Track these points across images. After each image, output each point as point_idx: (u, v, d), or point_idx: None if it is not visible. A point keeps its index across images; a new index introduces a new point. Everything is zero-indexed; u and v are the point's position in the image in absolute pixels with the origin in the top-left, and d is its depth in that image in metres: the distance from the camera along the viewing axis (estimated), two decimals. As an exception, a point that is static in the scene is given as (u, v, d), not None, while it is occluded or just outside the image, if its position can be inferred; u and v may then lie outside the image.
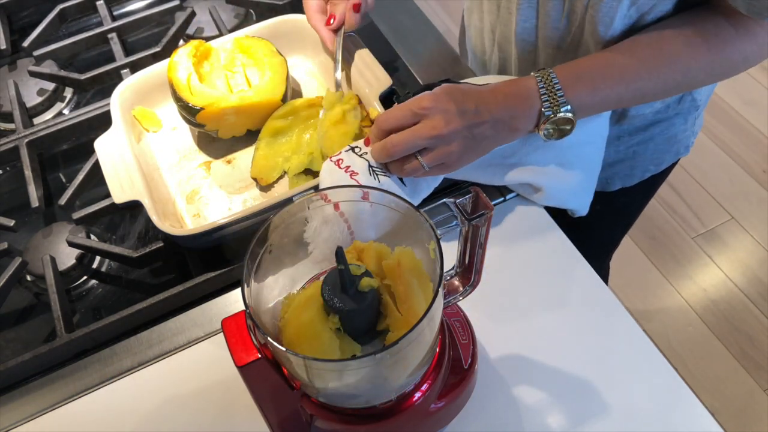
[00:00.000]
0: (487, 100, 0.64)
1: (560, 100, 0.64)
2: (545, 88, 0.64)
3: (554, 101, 0.64)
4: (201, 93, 0.79)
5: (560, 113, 0.64)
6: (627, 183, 0.93)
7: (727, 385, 1.62)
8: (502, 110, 0.64)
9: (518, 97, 0.65)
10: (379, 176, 0.67)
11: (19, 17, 1.09)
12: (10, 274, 0.74)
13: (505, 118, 0.64)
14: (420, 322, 0.44)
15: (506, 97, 0.65)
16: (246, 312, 0.47)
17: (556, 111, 0.64)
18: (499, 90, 0.65)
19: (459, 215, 0.51)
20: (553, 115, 0.64)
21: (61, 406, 0.66)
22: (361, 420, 0.55)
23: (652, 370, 0.64)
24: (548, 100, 0.64)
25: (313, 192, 0.52)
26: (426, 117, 0.62)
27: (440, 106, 0.62)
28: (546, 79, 0.64)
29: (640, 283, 1.82)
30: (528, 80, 0.65)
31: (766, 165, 2.01)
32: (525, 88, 0.65)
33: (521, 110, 0.65)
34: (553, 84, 0.64)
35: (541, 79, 0.65)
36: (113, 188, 0.74)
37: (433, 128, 0.62)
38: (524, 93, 0.65)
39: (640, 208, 1.09)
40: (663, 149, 0.89)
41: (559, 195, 0.73)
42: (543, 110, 0.64)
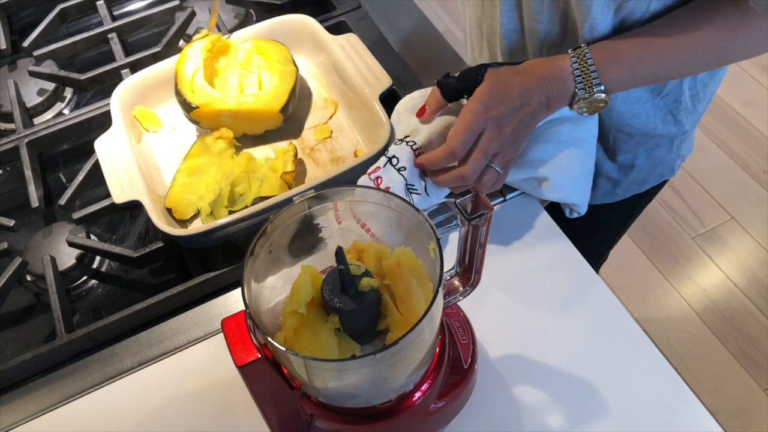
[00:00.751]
0: (528, 86, 0.65)
1: (594, 82, 0.64)
2: (580, 69, 0.65)
3: (588, 83, 0.64)
4: (201, 91, 0.79)
5: (594, 95, 0.65)
6: (609, 199, 0.92)
7: (727, 385, 1.62)
8: (540, 94, 0.65)
9: (554, 79, 0.65)
10: (413, 195, 0.69)
11: (19, 17, 1.09)
12: (10, 274, 0.74)
13: (543, 101, 0.66)
14: (420, 322, 0.44)
15: (542, 80, 0.65)
16: (246, 312, 0.47)
17: (590, 92, 0.65)
18: (535, 71, 0.66)
19: (459, 215, 0.51)
20: (588, 96, 0.65)
21: (61, 406, 0.66)
22: (361, 420, 0.55)
23: (652, 371, 0.64)
24: (582, 82, 0.65)
25: (313, 192, 0.52)
26: (485, 129, 0.64)
27: (492, 114, 0.64)
28: (581, 60, 0.65)
29: (640, 283, 1.82)
30: (563, 60, 0.65)
31: (766, 165, 2.01)
32: (560, 69, 0.65)
33: (557, 92, 0.65)
34: (588, 65, 0.64)
35: (576, 60, 0.65)
36: (113, 188, 0.74)
37: (493, 139, 0.64)
38: (559, 74, 0.65)
39: (626, 225, 1.08)
40: (647, 170, 0.88)
41: (564, 186, 0.73)
42: (577, 91, 0.65)
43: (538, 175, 0.73)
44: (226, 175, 0.77)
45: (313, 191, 0.52)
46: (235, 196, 0.77)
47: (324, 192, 0.52)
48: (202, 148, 0.80)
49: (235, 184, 0.77)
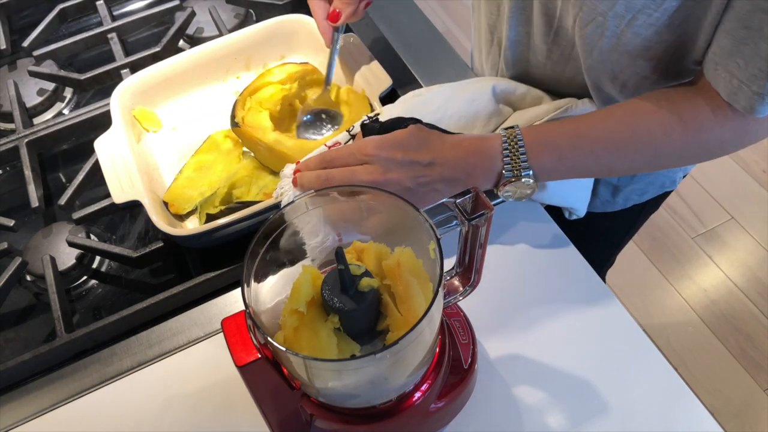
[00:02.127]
0: (445, 154, 0.62)
1: (522, 165, 0.62)
2: (509, 149, 0.62)
3: (516, 164, 0.62)
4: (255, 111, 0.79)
5: (522, 178, 0.62)
6: (608, 208, 0.91)
7: (727, 385, 1.62)
8: (459, 168, 0.62)
9: (480, 155, 0.62)
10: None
11: (19, 17, 1.09)
12: (10, 274, 0.74)
13: (460, 176, 0.62)
14: (420, 322, 0.44)
15: (467, 154, 0.62)
16: (246, 312, 0.47)
17: (518, 175, 0.62)
18: (463, 145, 0.63)
19: (459, 215, 0.51)
20: (514, 179, 0.62)
21: (61, 406, 0.66)
22: (361, 420, 0.55)
23: (652, 370, 0.64)
24: (510, 163, 0.62)
25: (315, 192, 0.52)
26: (368, 163, 0.61)
27: (383, 154, 0.61)
28: (511, 140, 0.62)
29: (640, 283, 1.82)
30: (494, 140, 0.63)
31: (766, 165, 2.01)
32: (489, 147, 0.62)
33: (480, 169, 0.63)
34: (518, 146, 0.62)
35: (507, 139, 0.62)
36: (113, 188, 0.74)
37: (369, 174, 0.61)
38: (487, 152, 0.62)
39: (628, 234, 1.07)
40: (647, 181, 0.87)
41: (560, 191, 0.73)
42: (504, 172, 0.62)
43: None
44: (228, 175, 0.77)
45: (314, 191, 0.52)
46: (232, 198, 0.77)
47: (324, 192, 0.52)
48: (212, 144, 0.80)
49: (235, 186, 0.77)
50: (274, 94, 0.81)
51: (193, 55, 0.86)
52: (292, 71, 0.83)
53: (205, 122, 0.85)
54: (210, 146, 0.81)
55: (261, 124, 0.78)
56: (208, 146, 0.81)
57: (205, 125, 0.84)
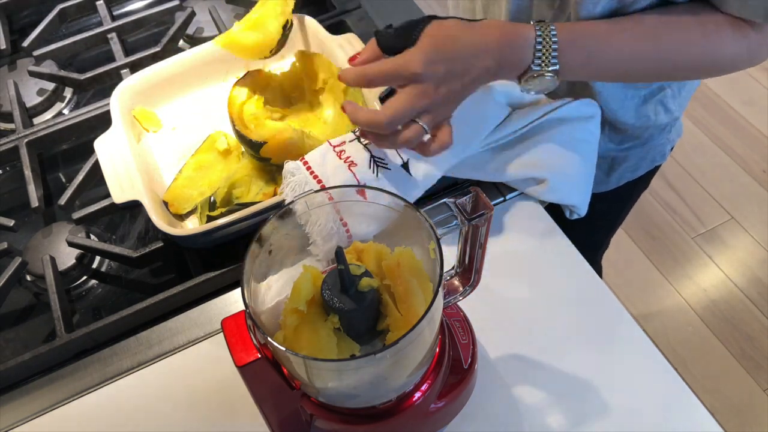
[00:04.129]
0: (477, 46, 0.60)
1: (552, 60, 0.61)
2: (542, 42, 0.61)
3: (547, 58, 0.61)
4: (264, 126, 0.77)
5: (547, 73, 0.62)
6: (602, 188, 0.92)
7: (727, 385, 1.62)
8: (489, 58, 0.61)
9: (511, 46, 0.61)
10: (380, 168, 0.67)
11: (19, 17, 1.09)
12: (10, 274, 0.74)
13: (490, 66, 0.61)
14: (420, 322, 0.44)
15: (499, 44, 0.61)
16: (246, 312, 0.47)
17: (546, 68, 0.62)
18: (489, 35, 0.61)
19: (459, 215, 0.51)
20: (541, 72, 0.62)
21: (61, 406, 0.66)
22: (361, 420, 0.55)
23: (652, 370, 0.64)
24: (541, 57, 0.61)
25: (314, 191, 0.52)
26: (416, 82, 0.59)
27: (429, 71, 0.59)
28: (545, 33, 0.61)
29: (640, 283, 1.82)
30: (527, 29, 0.62)
31: (766, 165, 2.01)
32: (522, 37, 0.61)
33: (510, 58, 0.62)
34: (551, 41, 0.61)
35: (541, 33, 0.61)
36: (113, 188, 0.74)
37: (425, 95, 0.59)
38: (519, 42, 0.61)
39: (621, 214, 1.07)
40: (639, 156, 0.88)
41: (562, 188, 0.73)
42: (533, 65, 0.62)
43: (537, 176, 0.73)
44: (228, 175, 0.77)
45: (313, 191, 0.52)
46: (232, 198, 0.77)
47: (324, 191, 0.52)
48: (211, 144, 0.80)
49: (235, 186, 0.77)
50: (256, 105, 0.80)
51: (193, 55, 0.86)
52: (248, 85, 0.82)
53: (205, 122, 0.85)
54: (209, 146, 0.81)
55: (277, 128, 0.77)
56: (208, 146, 0.81)
57: (205, 125, 0.84)
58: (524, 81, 0.63)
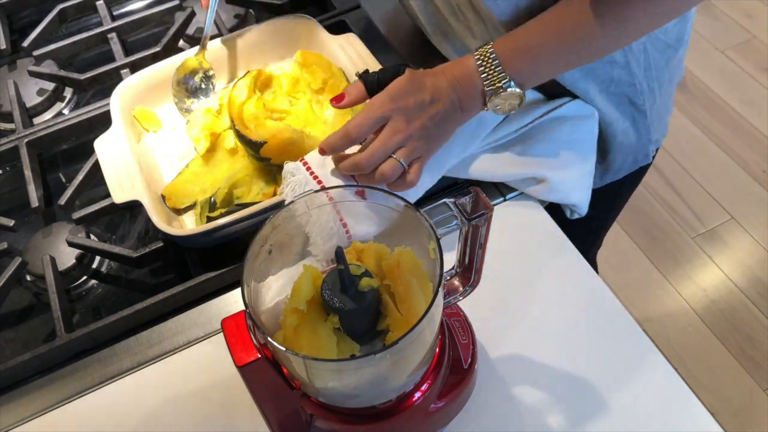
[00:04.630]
0: (439, 85, 0.64)
1: (500, 77, 0.63)
2: (483, 65, 0.64)
3: (494, 78, 0.63)
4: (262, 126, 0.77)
5: (505, 90, 0.64)
6: None
7: (727, 385, 1.62)
8: (451, 93, 0.64)
9: (462, 78, 0.64)
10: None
11: (19, 17, 1.09)
12: (10, 274, 0.74)
13: (454, 100, 0.64)
14: (420, 322, 0.44)
15: (453, 80, 0.64)
16: (246, 312, 0.47)
17: (498, 87, 0.63)
18: (447, 72, 0.65)
19: (459, 215, 0.51)
20: (495, 92, 0.64)
21: (61, 406, 0.66)
22: (361, 420, 0.55)
23: (652, 370, 0.64)
24: (488, 78, 0.64)
25: (314, 191, 0.52)
26: (389, 119, 0.63)
27: (399, 105, 0.63)
28: (484, 56, 0.64)
29: (640, 283, 1.82)
30: (468, 59, 0.65)
31: (766, 165, 2.01)
32: (466, 67, 0.64)
33: (466, 91, 0.64)
34: (491, 60, 0.63)
35: (479, 57, 0.64)
36: (113, 188, 0.74)
37: (398, 131, 0.63)
38: (466, 73, 0.64)
39: (611, 213, 1.06)
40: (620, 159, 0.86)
41: (563, 187, 0.73)
42: (485, 88, 0.64)
43: (537, 175, 0.73)
44: (230, 175, 0.77)
45: (313, 191, 0.52)
46: (233, 198, 0.77)
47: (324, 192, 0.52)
48: (219, 141, 0.81)
49: (236, 186, 0.77)
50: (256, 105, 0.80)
51: (193, 55, 0.86)
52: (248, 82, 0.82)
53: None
54: (218, 144, 0.81)
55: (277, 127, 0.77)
56: (217, 143, 0.81)
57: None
58: (489, 104, 0.65)
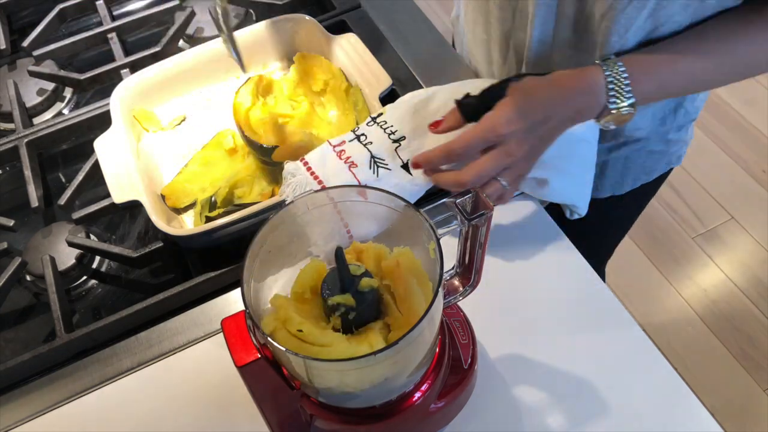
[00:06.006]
0: (554, 101, 0.63)
1: (627, 95, 0.62)
2: (614, 82, 0.62)
3: (621, 95, 0.62)
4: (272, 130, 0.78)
5: (625, 108, 0.63)
6: (617, 191, 0.92)
7: (727, 385, 1.62)
8: (568, 109, 0.63)
9: (585, 93, 0.63)
10: (380, 168, 0.67)
11: (18, 17, 1.09)
12: (10, 274, 0.74)
13: (571, 115, 0.64)
14: (420, 322, 0.44)
15: (572, 93, 0.63)
16: (246, 312, 0.47)
17: (622, 106, 0.63)
18: (564, 84, 0.64)
19: (459, 215, 0.51)
20: (618, 110, 0.63)
21: (61, 406, 0.66)
22: (361, 420, 0.55)
23: (652, 370, 0.64)
24: (615, 95, 0.62)
25: (314, 191, 0.52)
26: (501, 144, 0.61)
27: (513, 128, 0.61)
28: (614, 71, 0.63)
29: (640, 283, 1.82)
30: (594, 72, 0.63)
31: (766, 165, 2.01)
32: (592, 82, 0.63)
33: (587, 105, 0.63)
34: (621, 77, 0.62)
35: (610, 72, 0.63)
36: (113, 188, 0.74)
37: (509, 154, 0.61)
38: (591, 87, 0.63)
39: (633, 218, 1.07)
40: (655, 158, 0.88)
41: (563, 189, 0.73)
42: (608, 104, 0.63)
43: (537, 175, 0.72)
44: (231, 174, 0.77)
45: (313, 191, 0.52)
46: (233, 198, 0.77)
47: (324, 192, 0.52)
48: (218, 141, 0.80)
49: (237, 186, 0.77)
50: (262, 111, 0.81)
51: (193, 55, 0.86)
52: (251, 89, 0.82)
53: (204, 122, 0.85)
54: (217, 143, 0.81)
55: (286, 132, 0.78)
56: (215, 143, 0.81)
57: (205, 125, 0.84)
58: (603, 119, 0.65)
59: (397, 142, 0.70)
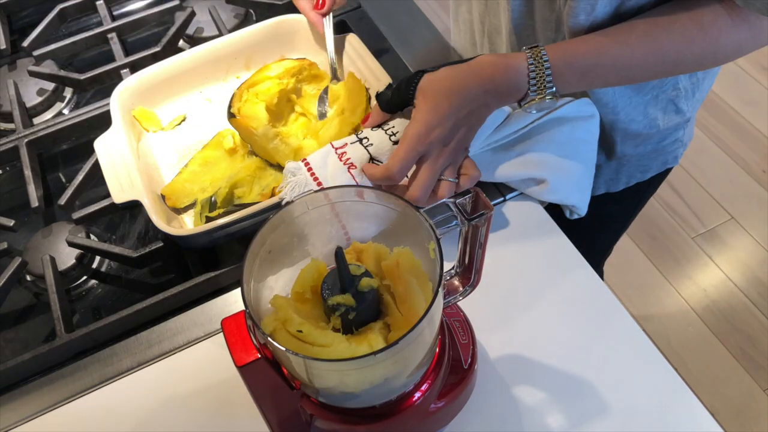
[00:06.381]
0: (469, 88, 0.63)
1: (548, 85, 0.63)
2: (535, 70, 0.63)
3: (542, 84, 0.63)
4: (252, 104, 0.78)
5: (546, 97, 0.64)
6: (612, 188, 0.92)
7: (727, 385, 1.62)
8: (488, 96, 0.64)
9: (503, 77, 0.63)
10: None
11: (19, 17, 1.09)
12: (10, 274, 0.74)
13: (490, 102, 0.64)
14: (420, 322, 0.44)
15: (493, 81, 0.63)
16: (246, 312, 0.47)
17: (542, 94, 0.64)
18: (486, 73, 0.63)
19: (459, 215, 0.51)
20: (538, 98, 0.64)
21: (61, 406, 0.66)
22: (361, 420, 0.55)
23: (652, 370, 0.64)
24: (536, 84, 0.63)
25: (313, 191, 0.52)
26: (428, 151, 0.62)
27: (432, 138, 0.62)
28: (537, 60, 0.63)
29: (640, 283, 1.82)
30: (518, 59, 0.63)
31: (766, 165, 2.01)
32: (513, 68, 0.63)
33: (505, 90, 0.64)
34: (544, 67, 0.63)
35: (533, 60, 0.63)
36: (113, 188, 0.74)
37: (438, 157, 0.63)
38: (512, 74, 0.63)
39: (630, 216, 1.08)
40: (650, 157, 0.88)
41: (562, 188, 0.73)
42: (529, 92, 0.64)
43: (536, 176, 0.73)
44: (231, 174, 0.77)
45: (313, 190, 0.52)
46: (234, 197, 0.77)
47: (323, 192, 0.52)
48: (219, 142, 0.80)
49: (237, 186, 0.77)
50: (271, 87, 0.81)
51: (193, 55, 0.86)
52: (290, 66, 0.83)
53: (204, 122, 0.85)
54: (217, 143, 0.81)
55: (257, 115, 0.78)
56: (215, 143, 0.81)
57: (205, 125, 0.84)
58: (524, 105, 0.65)
59: (398, 143, 0.70)
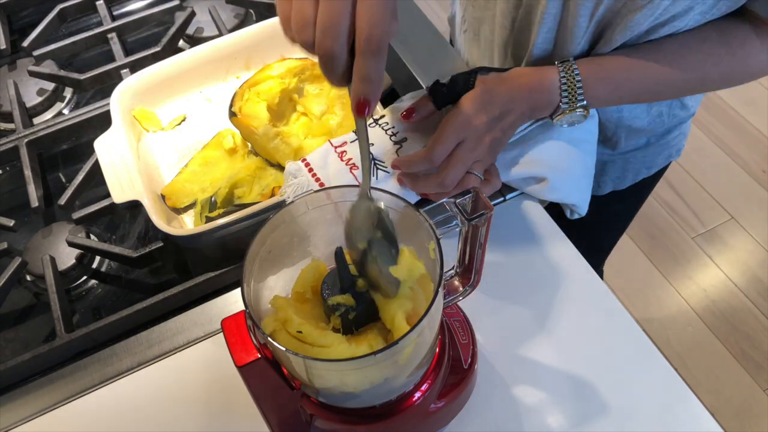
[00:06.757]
0: (512, 96, 0.66)
1: (578, 97, 0.66)
2: (567, 83, 0.66)
3: (573, 97, 0.66)
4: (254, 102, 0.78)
5: (576, 110, 0.66)
6: (619, 186, 0.93)
7: (727, 385, 1.62)
8: (523, 104, 0.66)
9: (540, 91, 0.66)
10: (380, 171, 0.68)
11: (19, 17, 1.09)
12: (10, 274, 0.74)
13: (525, 111, 0.67)
14: (420, 322, 0.44)
15: (529, 91, 0.66)
16: (246, 312, 0.47)
17: (573, 107, 0.66)
18: (522, 82, 0.67)
19: (459, 215, 0.51)
20: (570, 111, 0.66)
21: (61, 406, 0.66)
22: (361, 420, 0.55)
23: (652, 370, 0.64)
24: (567, 96, 0.66)
25: (313, 191, 0.52)
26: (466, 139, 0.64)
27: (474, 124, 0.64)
28: (569, 74, 0.66)
29: (640, 283, 1.82)
30: (550, 72, 0.66)
31: (766, 165, 2.01)
32: (547, 80, 0.66)
33: (540, 102, 0.67)
34: (575, 80, 0.65)
35: (564, 73, 0.66)
36: (113, 188, 0.74)
37: (473, 149, 0.64)
38: (546, 86, 0.66)
39: (633, 213, 1.09)
40: (655, 152, 0.89)
41: (563, 187, 0.73)
42: (561, 104, 0.67)
43: (537, 175, 0.72)
44: (231, 175, 0.77)
45: (313, 190, 0.52)
46: (234, 197, 0.77)
47: (324, 192, 0.52)
48: (219, 142, 0.81)
49: (237, 186, 0.77)
50: (273, 87, 0.81)
51: (193, 55, 0.86)
52: (292, 66, 0.83)
53: (204, 122, 0.85)
54: (217, 143, 0.81)
55: (258, 114, 0.78)
56: (215, 143, 0.81)
57: (205, 125, 0.84)
58: (556, 118, 0.68)
59: (399, 144, 0.71)
